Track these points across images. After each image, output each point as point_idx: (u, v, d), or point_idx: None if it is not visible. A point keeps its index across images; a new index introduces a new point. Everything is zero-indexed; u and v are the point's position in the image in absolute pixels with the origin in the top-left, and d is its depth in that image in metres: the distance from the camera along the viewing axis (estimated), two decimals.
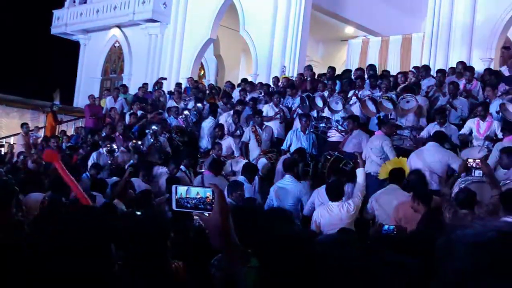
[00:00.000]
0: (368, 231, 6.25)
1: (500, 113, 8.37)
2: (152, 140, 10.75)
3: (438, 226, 4.90)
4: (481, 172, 5.99)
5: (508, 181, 6.14)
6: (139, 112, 13.18)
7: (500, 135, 8.11)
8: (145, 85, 15.78)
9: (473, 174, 6.20)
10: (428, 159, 7.31)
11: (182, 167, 9.20)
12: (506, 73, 11.01)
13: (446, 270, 1.19)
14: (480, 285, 1.12)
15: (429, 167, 7.17)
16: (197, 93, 14.07)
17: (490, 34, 12.92)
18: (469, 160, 6.04)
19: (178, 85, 15.27)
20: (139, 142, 10.46)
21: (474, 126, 8.49)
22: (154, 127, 10.92)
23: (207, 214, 1.77)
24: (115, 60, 22.20)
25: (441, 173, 7.28)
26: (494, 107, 8.74)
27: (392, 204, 6.20)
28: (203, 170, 9.23)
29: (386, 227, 5.04)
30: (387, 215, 6.18)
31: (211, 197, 1.77)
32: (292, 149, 9.44)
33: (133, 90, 16.45)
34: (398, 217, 5.80)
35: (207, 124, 11.66)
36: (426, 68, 11.56)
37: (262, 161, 9.34)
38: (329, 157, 8.35)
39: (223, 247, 1.77)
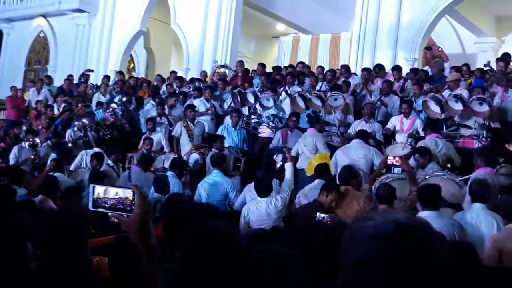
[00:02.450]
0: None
1: (423, 111, 8.69)
2: (81, 133, 10.43)
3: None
4: (400, 169, 6.21)
5: (427, 177, 6.40)
6: (63, 105, 12.77)
7: (421, 133, 8.44)
8: (70, 77, 15.34)
9: (392, 171, 6.42)
10: (354, 155, 7.51)
11: (109, 162, 8.97)
12: (429, 73, 11.48)
13: (346, 259, 1.24)
14: (374, 273, 1.17)
15: (354, 163, 7.36)
16: (124, 86, 13.77)
17: (414, 35, 13.44)
18: (389, 157, 6.22)
19: (106, 77, 14.91)
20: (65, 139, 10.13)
21: (398, 123, 8.80)
22: (84, 120, 10.58)
23: (125, 216, 1.71)
24: (39, 51, 21.35)
25: (365, 169, 7.50)
26: (418, 105, 9.08)
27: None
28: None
29: (318, 215, 5.16)
30: None
31: (131, 198, 1.71)
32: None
33: (58, 82, 15.95)
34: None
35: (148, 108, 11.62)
36: (347, 68, 11.91)
37: (194, 156, 9.30)
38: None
39: (142, 249, 1.73)
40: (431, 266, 1.17)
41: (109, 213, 1.85)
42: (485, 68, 9.51)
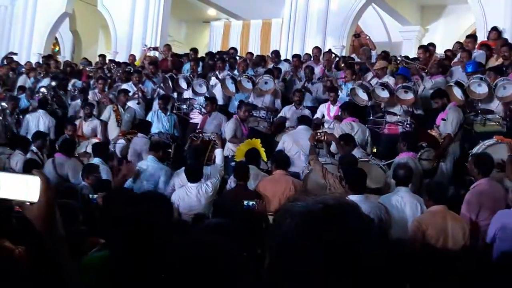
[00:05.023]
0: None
1: (350, 97, 8.89)
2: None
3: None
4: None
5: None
6: None
7: None
8: None
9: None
10: (301, 141, 7.60)
11: (33, 148, 8.61)
12: (356, 60, 11.74)
13: (273, 240, 1.26)
14: (300, 253, 1.19)
15: (302, 149, 7.48)
16: (49, 70, 13.25)
17: (342, 23, 13.68)
18: (318, 132, 6.53)
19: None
20: None
21: (325, 110, 9.02)
22: (3, 103, 10.11)
23: (29, 203, 1.60)
24: None
25: None
26: (348, 87, 9.30)
27: (251, 184, 6.38)
28: None
29: (246, 202, 5.18)
30: None
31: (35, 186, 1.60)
32: (153, 130, 9.31)
33: None
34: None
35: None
36: (277, 54, 12.03)
37: (121, 142, 9.08)
38: (195, 138, 8.49)
39: (48, 239, 1.63)
40: (356, 246, 1.19)
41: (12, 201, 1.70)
42: None
